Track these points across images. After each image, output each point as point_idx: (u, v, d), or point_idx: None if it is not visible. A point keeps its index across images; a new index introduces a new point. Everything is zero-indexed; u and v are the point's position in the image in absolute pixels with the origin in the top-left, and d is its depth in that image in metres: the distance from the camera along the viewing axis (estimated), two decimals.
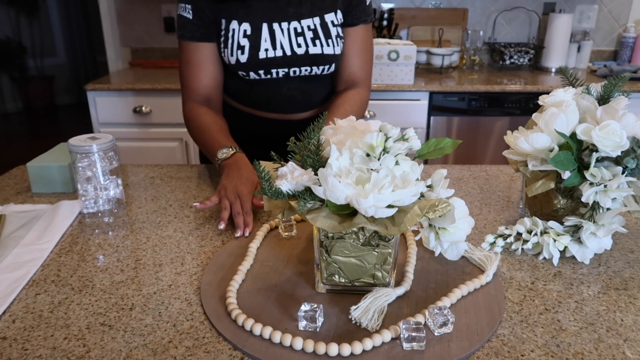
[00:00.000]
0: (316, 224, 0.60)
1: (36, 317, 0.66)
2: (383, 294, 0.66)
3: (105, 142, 0.94)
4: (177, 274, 0.76)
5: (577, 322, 0.64)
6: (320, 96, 1.23)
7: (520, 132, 0.84)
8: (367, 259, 0.66)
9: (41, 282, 0.74)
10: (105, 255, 0.81)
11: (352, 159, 0.60)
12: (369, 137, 0.59)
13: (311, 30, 1.10)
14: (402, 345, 0.59)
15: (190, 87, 1.13)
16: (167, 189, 1.08)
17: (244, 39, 1.08)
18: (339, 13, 1.12)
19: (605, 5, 2.74)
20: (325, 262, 0.67)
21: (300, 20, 1.09)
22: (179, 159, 2.38)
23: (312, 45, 1.10)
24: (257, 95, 1.19)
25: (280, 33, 1.09)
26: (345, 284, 0.68)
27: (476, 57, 2.74)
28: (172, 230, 0.90)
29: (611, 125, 0.74)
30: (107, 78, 2.45)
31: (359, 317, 0.63)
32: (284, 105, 1.20)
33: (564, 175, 0.77)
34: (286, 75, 1.14)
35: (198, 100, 1.14)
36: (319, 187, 0.59)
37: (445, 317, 0.60)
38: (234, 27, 1.08)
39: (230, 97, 1.25)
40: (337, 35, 1.13)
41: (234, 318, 0.63)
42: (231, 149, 1.01)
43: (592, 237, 0.77)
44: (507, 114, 2.33)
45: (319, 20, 1.10)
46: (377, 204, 0.57)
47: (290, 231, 0.86)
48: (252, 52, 1.09)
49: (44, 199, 1.03)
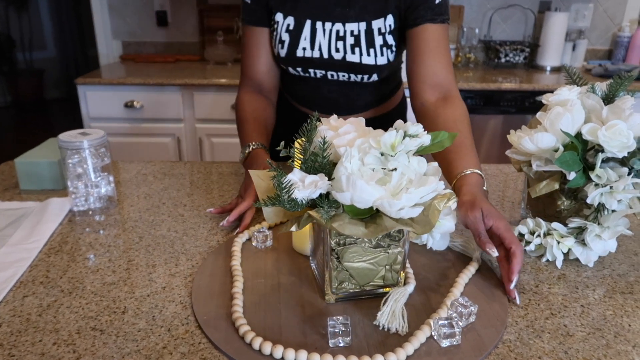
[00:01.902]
0: (345, 231, 0.57)
1: (24, 320, 0.63)
2: (400, 295, 0.64)
3: (97, 138, 0.91)
4: (172, 275, 0.73)
5: (584, 328, 0.63)
6: (365, 101, 1.17)
7: (523, 132, 0.82)
8: (378, 261, 0.64)
9: (29, 284, 0.71)
10: (96, 256, 0.79)
11: (363, 160, 0.58)
12: (388, 136, 0.57)
13: (353, 37, 1.04)
14: (439, 343, 0.58)
15: (244, 71, 1.14)
16: (160, 187, 1.06)
17: (286, 33, 1.06)
18: (390, 18, 1.03)
19: (600, 4, 2.73)
20: (336, 271, 0.64)
21: (345, 23, 1.03)
22: (171, 155, 2.35)
23: (351, 53, 1.04)
24: (300, 91, 1.18)
25: (322, 33, 1.05)
26: (355, 289, 0.66)
27: (471, 55, 2.73)
28: (165, 229, 0.87)
29: (618, 125, 0.72)
30: (97, 72, 2.40)
31: (387, 322, 0.61)
32: (325, 106, 1.16)
33: (569, 176, 0.75)
34: (324, 77, 1.11)
35: (250, 85, 1.13)
36: (345, 193, 0.56)
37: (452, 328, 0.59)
38: (278, 20, 1.06)
39: (284, 88, 1.24)
40: (384, 45, 1.04)
41: (253, 344, 0.58)
42: (249, 146, 0.99)
43: (596, 240, 0.76)
44: (503, 112, 2.32)
45: (364, 26, 1.03)
46: (407, 204, 0.56)
47: (265, 242, 0.80)
48: (290, 48, 1.06)
49: (33, 196, 1.00)
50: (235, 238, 0.81)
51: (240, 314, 0.63)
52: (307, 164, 0.61)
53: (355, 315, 0.63)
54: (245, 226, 0.85)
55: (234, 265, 0.73)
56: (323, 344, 0.58)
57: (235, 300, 0.65)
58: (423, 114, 1.00)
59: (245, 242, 0.82)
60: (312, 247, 0.73)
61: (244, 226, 0.85)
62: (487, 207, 0.73)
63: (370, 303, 0.66)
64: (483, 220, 0.73)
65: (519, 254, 0.69)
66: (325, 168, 0.60)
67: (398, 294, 0.64)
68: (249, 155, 0.99)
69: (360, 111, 1.18)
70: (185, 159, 2.35)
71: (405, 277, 0.69)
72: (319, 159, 0.60)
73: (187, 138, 2.32)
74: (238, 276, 0.71)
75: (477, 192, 0.77)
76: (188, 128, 2.30)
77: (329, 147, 0.60)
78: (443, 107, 0.97)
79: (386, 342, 0.59)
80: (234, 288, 0.68)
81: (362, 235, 0.57)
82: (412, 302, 0.66)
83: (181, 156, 2.35)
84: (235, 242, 0.80)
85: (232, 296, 0.67)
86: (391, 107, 1.24)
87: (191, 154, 2.34)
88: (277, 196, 0.58)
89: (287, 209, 0.59)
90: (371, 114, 1.19)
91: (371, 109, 1.19)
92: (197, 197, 1.00)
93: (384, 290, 0.67)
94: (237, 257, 0.76)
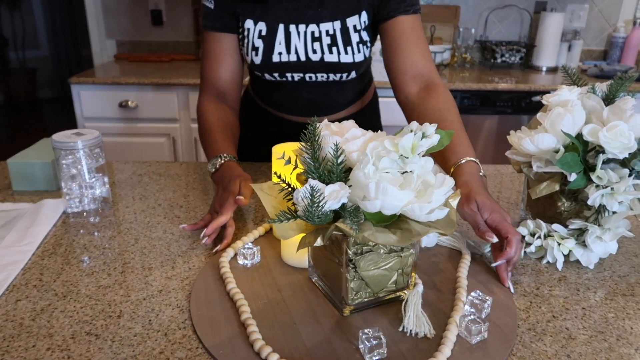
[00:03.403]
0: (378, 240, 0.55)
1: (17, 325, 0.62)
2: (417, 297, 0.64)
3: (91, 139, 0.89)
4: (168, 278, 0.72)
5: (587, 330, 0.62)
6: (345, 100, 1.16)
7: (523, 132, 0.81)
8: (392, 267, 0.63)
9: (22, 287, 0.69)
10: (91, 258, 0.77)
11: (377, 165, 0.57)
12: (406, 139, 0.56)
13: (329, 36, 1.02)
14: (469, 341, 0.59)
15: (207, 78, 1.09)
16: (155, 188, 1.04)
17: (259, 39, 1.03)
18: (364, 15, 1.03)
19: (595, 5, 2.74)
20: (353, 281, 0.62)
21: (319, 23, 1.02)
22: (166, 155, 2.33)
23: (329, 53, 1.03)
24: (278, 97, 1.15)
25: (297, 36, 1.03)
26: (369, 298, 0.64)
27: (468, 55, 2.72)
28: (161, 231, 0.86)
29: (619, 126, 0.71)
30: (91, 71, 2.38)
31: (415, 327, 0.60)
32: (305, 108, 1.14)
33: (570, 178, 0.75)
34: (302, 79, 1.08)
35: (212, 93, 1.08)
36: (376, 201, 0.54)
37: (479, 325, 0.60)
38: (249, 27, 1.03)
39: (257, 96, 1.21)
40: (360, 42, 1.04)
41: None
42: (220, 158, 0.93)
43: (597, 241, 0.75)
44: (499, 112, 2.32)
45: (339, 25, 1.02)
46: (436, 206, 0.56)
47: (254, 259, 0.75)
48: (265, 54, 1.04)
49: (26, 198, 0.98)
50: (220, 258, 0.75)
51: (262, 341, 0.57)
52: (320, 173, 0.58)
53: (376, 324, 0.62)
54: (227, 243, 0.80)
55: (232, 289, 0.67)
56: (358, 357, 0.56)
57: (250, 328, 0.60)
58: (408, 107, 1.00)
59: (230, 259, 0.76)
60: (312, 261, 0.70)
61: (226, 244, 0.79)
62: (482, 199, 0.74)
63: (384, 310, 0.65)
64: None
65: (514, 242, 0.70)
66: (340, 177, 0.57)
67: (415, 297, 0.63)
68: (220, 168, 0.92)
69: (340, 110, 1.18)
70: (180, 159, 2.34)
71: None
72: (334, 167, 0.57)
73: (182, 138, 2.30)
74: (241, 300, 0.65)
75: (473, 182, 0.78)
76: (183, 128, 2.28)
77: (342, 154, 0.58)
78: (427, 97, 0.96)
79: (418, 348, 0.58)
80: (243, 315, 0.62)
81: (394, 243, 0.55)
82: (423, 302, 0.66)
83: (176, 156, 2.34)
84: (221, 263, 0.73)
85: (245, 324, 0.61)
86: (367, 102, 1.24)
87: (186, 154, 2.33)
88: (306, 210, 0.55)
89: (315, 223, 0.56)
90: (350, 111, 1.19)
91: (350, 106, 1.19)
92: (193, 199, 0.99)
93: (394, 296, 0.66)
94: (231, 280, 0.69)
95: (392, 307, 0.65)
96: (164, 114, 2.25)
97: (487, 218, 0.73)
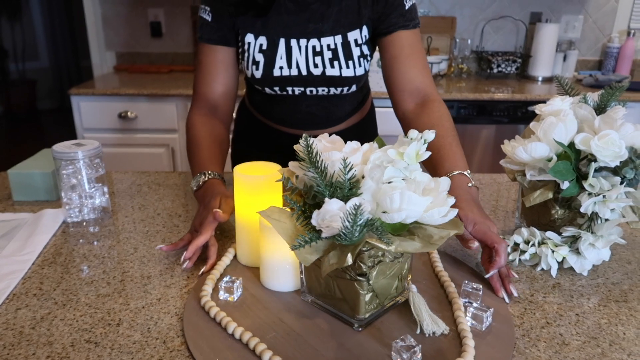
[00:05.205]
0: (408, 250, 0.56)
1: (17, 333, 0.62)
2: (419, 298, 0.65)
3: (91, 149, 0.90)
4: (167, 286, 0.73)
5: (580, 336, 0.63)
6: (344, 112, 1.17)
7: (517, 141, 0.82)
8: (395, 273, 0.64)
9: (22, 296, 0.70)
10: (90, 267, 0.78)
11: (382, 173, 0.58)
12: (412, 147, 0.58)
13: (330, 50, 1.03)
14: (480, 328, 0.63)
15: (199, 90, 1.07)
16: (154, 197, 1.05)
17: (259, 54, 1.03)
18: (365, 29, 1.03)
19: (590, 16, 2.77)
20: (366, 294, 0.61)
21: (321, 38, 1.02)
22: (165, 166, 2.34)
23: (330, 67, 1.03)
24: (277, 110, 1.15)
25: (298, 51, 1.03)
26: (377, 308, 0.64)
27: (464, 66, 2.75)
28: (160, 240, 0.87)
29: (610, 135, 0.73)
30: (91, 83, 2.40)
31: (432, 328, 0.62)
32: (305, 121, 1.15)
33: (563, 186, 0.76)
34: (303, 93, 1.08)
35: (204, 106, 1.06)
36: (402, 212, 0.55)
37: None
38: (249, 41, 1.03)
39: (255, 109, 1.21)
40: (361, 56, 1.05)
41: None
42: (203, 175, 0.90)
43: (590, 248, 0.76)
44: (496, 122, 2.34)
45: (340, 39, 1.03)
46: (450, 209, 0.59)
47: (238, 291, 0.69)
48: (266, 68, 1.04)
49: (26, 208, 0.99)
50: (201, 293, 0.68)
51: None
52: (333, 189, 0.58)
53: (393, 332, 0.62)
54: (212, 264, 0.76)
55: (236, 329, 0.61)
56: None
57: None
58: (406, 122, 1.04)
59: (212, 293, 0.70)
60: (307, 281, 0.68)
61: (211, 264, 0.76)
62: (464, 214, 0.76)
63: (389, 317, 0.65)
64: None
65: (502, 251, 0.72)
66: (353, 192, 0.57)
67: (419, 298, 0.65)
68: (202, 186, 0.89)
69: (339, 122, 1.18)
70: (179, 169, 2.35)
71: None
72: (345, 183, 0.57)
73: (181, 148, 2.31)
74: (253, 338, 0.60)
75: (460, 195, 0.79)
76: (182, 138, 2.30)
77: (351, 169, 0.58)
78: (423, 113, 0.99)
79: (442, 347, 0.60)
80: (265, 354, 0.57)
81: (420, 250, 0.57)
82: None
83: (175, 167, 2.35)
84: (207, 304, 0.66)
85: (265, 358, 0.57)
86: (365, 114, 1.25)
87: (185, 165, 2.34)
88: (346, 229, 0.54)
89: (353, 242, 0.55)
90: (348, 123, 1.20)
91: (348, 118, 1.19)
92: (192, 208, 1.00)
93: (394, 302, 0.67)
94: (230, 320, 0.63)
95: (394, 312, 0.66)
96: (163, 125, 2.27)
97: (471, 230, 0.75)
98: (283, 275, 0.70)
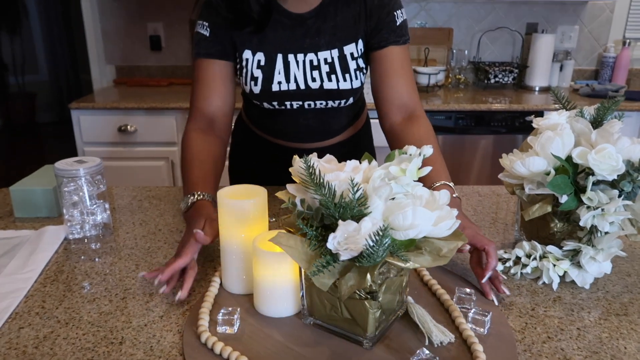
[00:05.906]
0: (423, 264, 0.57)
1: (20, 353, 0.63)
2: (420, 309, 0.66)
3: (93, 166, 0.91)
4: (169, 304, 0.73)
5: (581, 351, 0.63)
6: (340, 125, 1.18)
7: (515, 155, 0.83)
8: (397, 287, 0.65)
9: (25, 315, 0.70)
10: (92, 284, 0.78)
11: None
12: (413, 164, 0.59)
13: (328, 64, 1.04)
14: (482, 333, 0.65)
15: (196, 105, 1.06)
16: (155, 213, 1.06)
17: (258, 70, 1.04)
18: (360, 43, 1.06)
19: (585, 26, 2.80)
20: (375, 312, 0.61)
21: (318, 52, 1.04)
22: (165, 178, 2.34)
23: (328, 80, 1.05)
24: (275, 124, 1.16)
25: (295, 65, 1.04)
26: (384, 324, 0.64)
27: (461, 76, 2.77)
28: (162, 256, 0.87)
29: (607, 149, 0.74)
30: (91, 96, 2.41)
31: (441, 338, 0.63)
32: (302, 135, 1.16)
33: (561, 199, 0.77)
34: (301, 107, 1.10)
35: (201, 122, 1.05)
36: (415, 229, 0.55)
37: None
38: (247, 57, 1.04)
39: (252, 122, 1.22)
40: (357, 69, 1.06)
41: None
42: (192, 196, 0.88)
43: (591, 262, 0.77)
44: (493, 132, 2.35)
45: (337, 53, 1.04)
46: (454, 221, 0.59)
47: (237, 323, 0.66)
48: (265, 84, 1.05)
49: (28, 224, 0.99)
50: (199, 329, 0.65)
51: None
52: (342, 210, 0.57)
53: (402, 345, 0.63)
54: (188, 288, 0.73)
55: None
56: None
57: None
58: (392, 135, 1.06)
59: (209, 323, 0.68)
60: (309, 303, 0.67)
61: (186, 289, 0.73)
62: None
63: (393, 331, 0.66)
64: None
65: (492, 252, 0.74)
66: (362, 212, 0.57)
67: (421, 310, 0.65)
68: (192, 207, 0.87)
69: (336, 135, 1.20)
70: (179, 182, 2.35)
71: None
72: (352, 203, 0.57)
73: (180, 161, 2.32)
74: None
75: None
76: None
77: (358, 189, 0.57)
78: (409, 127, 1.03)
79: (452, 355, 0.61)
80: None
81: (432, 264, 0.57)
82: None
83: (175, 180, 2.35)
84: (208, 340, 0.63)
85: None
86: (360, 127, 1.27)
87: None
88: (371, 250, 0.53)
89: (377, 262, 0.55)
90: (345, 136, 1.21)
91: (344, 131, 1.21)
92: None
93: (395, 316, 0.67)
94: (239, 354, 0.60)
95: (396, 325, 0.67)
96: (163, 138, 2.28)
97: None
98: (281, 301, 0.69)
